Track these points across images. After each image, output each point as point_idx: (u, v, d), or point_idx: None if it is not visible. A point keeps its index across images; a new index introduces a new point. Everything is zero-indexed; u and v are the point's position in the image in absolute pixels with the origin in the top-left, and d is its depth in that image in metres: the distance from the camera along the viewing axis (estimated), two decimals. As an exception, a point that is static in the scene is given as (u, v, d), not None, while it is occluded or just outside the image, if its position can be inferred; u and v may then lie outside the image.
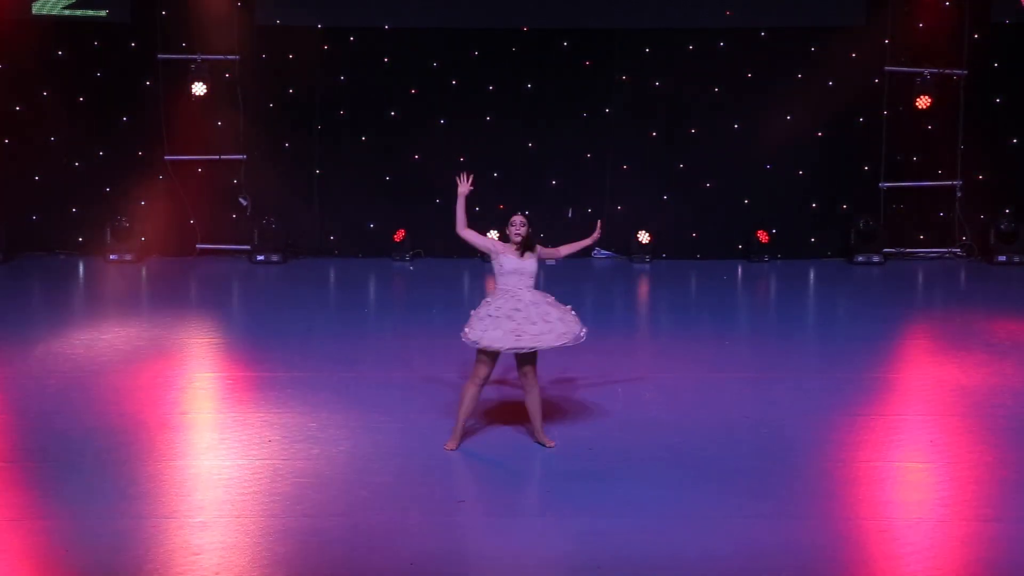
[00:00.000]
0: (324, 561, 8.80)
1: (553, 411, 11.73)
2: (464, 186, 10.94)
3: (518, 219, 10.87)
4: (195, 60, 19.10)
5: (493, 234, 12.12)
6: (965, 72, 19.20)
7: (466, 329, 10.79)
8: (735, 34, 19.33)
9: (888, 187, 19.49)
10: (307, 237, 19.85)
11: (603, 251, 19.77)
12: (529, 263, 10.87)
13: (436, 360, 13.99)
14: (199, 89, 19.06)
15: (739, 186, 19.62)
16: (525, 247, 10.87)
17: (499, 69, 19.57)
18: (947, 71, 19.13)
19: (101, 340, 15.01)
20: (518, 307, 10.77)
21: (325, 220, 19.86)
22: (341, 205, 19.77)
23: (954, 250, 19.64)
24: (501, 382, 12.37)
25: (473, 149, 19.58)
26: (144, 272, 19.03)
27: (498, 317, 10.70)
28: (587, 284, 18.00)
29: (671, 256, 19.75)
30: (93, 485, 10.11)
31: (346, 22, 19.49)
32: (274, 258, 19.43)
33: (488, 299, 10.88)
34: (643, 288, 18.42)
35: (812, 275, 19.01)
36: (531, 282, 10.90)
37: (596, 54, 19.51)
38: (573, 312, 10.95)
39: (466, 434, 11.14)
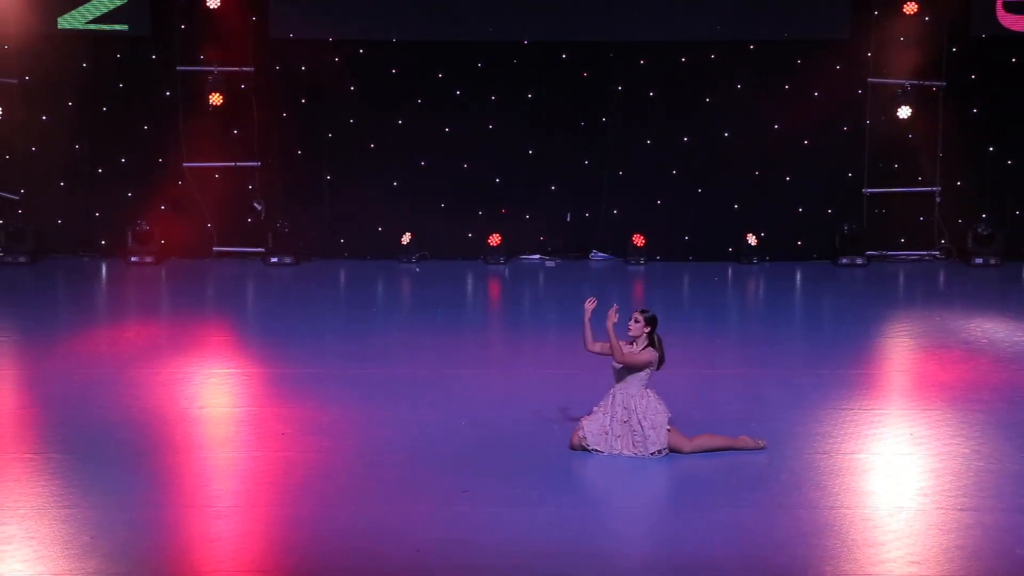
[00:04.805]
0: (334, 548, 8.96)
1: (552, 409, 11.93)
2: (590, 304, 10.85)
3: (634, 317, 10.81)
4: (212, 72, 19.13)
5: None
6: (944, 84, 19.20)
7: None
8: (725, 47, 19.31)
9: (871, 193, 19.51)
10: (318, 240, 19.86)
11: (599, 253, 19.76)
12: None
13: (441, 357, 14.29)
14: (216, 99, 19.08)
15: (729, 192, 19.62)
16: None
17: (501, 80, 19.57)
18: (927, 83, 19.15)
19: (123, 338, 15.33)
20: (603, 408, 10.86)
21: (335, 223, 19.85)
22: (350, 209, 19.76)
23: (933, 252, 19.66)
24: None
25: (476, 155, 19.72)
26: (163, 273, 19.07)
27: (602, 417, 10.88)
28: (584, 285, 17.80)
29: (664, 258, 19.71)
30: (115, 475, 10.30)
31: (356, 35, 19.44)
32: (287, 260, 19.44)
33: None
34: (637, 288, 18.36)
35: (799, 276, 19.00)
36: (625, 384, 10.73)
37: (593, 66, 19.51)
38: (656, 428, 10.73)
39: (468, 430, 11.44)
